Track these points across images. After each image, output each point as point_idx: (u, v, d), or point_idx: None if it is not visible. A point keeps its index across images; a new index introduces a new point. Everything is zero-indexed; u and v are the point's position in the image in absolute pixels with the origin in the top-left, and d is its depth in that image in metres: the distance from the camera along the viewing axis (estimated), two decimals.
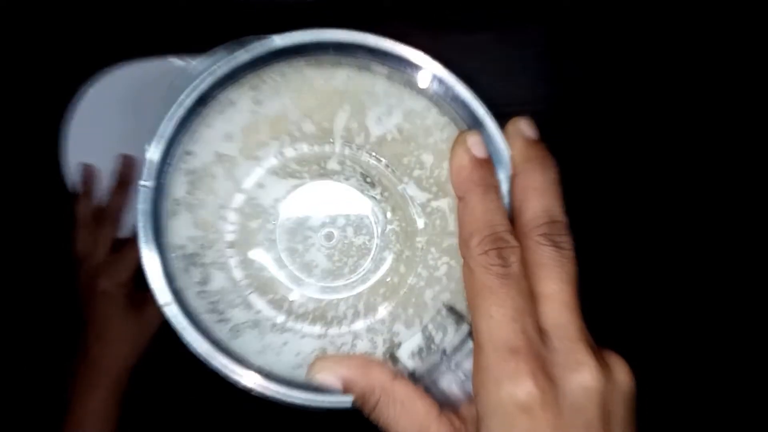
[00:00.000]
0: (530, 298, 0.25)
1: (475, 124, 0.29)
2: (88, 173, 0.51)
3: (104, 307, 0.49)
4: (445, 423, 0.27)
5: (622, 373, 0.25)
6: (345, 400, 0.29)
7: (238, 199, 0.33)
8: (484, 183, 0.27)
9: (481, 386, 0.24)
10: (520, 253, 0.25)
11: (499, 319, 0.24)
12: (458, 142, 0.28)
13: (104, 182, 0.51)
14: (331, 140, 0.33)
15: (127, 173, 0.51)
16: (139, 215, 0.29)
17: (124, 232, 0.52)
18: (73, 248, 0.52)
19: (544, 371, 0.23)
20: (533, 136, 0.27)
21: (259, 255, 0.33)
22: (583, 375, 0.23)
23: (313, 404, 0.30)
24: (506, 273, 0.24)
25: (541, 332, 0.24)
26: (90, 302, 0.50)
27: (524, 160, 0.27)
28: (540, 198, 0.26)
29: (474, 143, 0.27)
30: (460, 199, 0.27)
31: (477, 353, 0.24)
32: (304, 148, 0.33)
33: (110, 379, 0.49)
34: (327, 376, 0.28)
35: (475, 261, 0.25)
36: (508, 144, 0.28)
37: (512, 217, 0.27)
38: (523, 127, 0.27)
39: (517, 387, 0.23)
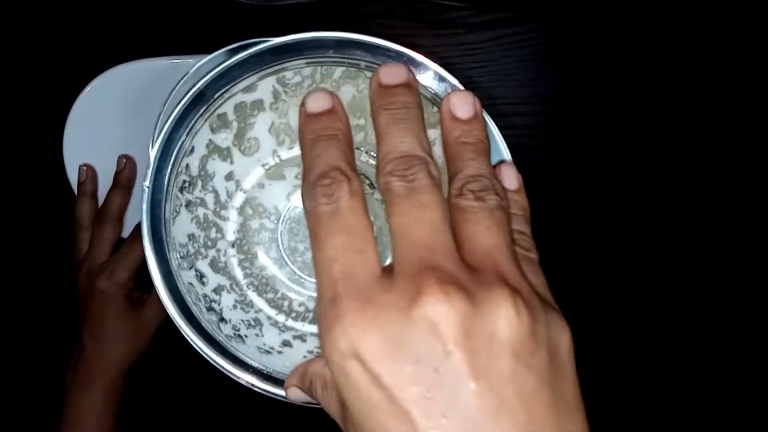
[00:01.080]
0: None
1: None
2: (88, 173, 0.51)
3: (102, 307, 0.49)
4: None
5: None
6: None
7: (239, 199, 0.33)
8: (319, 132, 0.23)
9: None
10: (358, 186, 0.21)
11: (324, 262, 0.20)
12: None
13: (104, 182, 0.51)
14: None
15: (127, 173, 0.51)
16: (141, 215, 0.29)
17: (123, 233, 0.52)
18: (73, 248, 0.52)
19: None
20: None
21: (259, 254, 0.33)
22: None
23: (313, 403, 0.30)
24: (334, 209, 0.20)
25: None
26: (88, 302, 0.50)
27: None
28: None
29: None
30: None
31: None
32: None
33: (107, 379, 0.49)
34: (289, 389, 0.26)
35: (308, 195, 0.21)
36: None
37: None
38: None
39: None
